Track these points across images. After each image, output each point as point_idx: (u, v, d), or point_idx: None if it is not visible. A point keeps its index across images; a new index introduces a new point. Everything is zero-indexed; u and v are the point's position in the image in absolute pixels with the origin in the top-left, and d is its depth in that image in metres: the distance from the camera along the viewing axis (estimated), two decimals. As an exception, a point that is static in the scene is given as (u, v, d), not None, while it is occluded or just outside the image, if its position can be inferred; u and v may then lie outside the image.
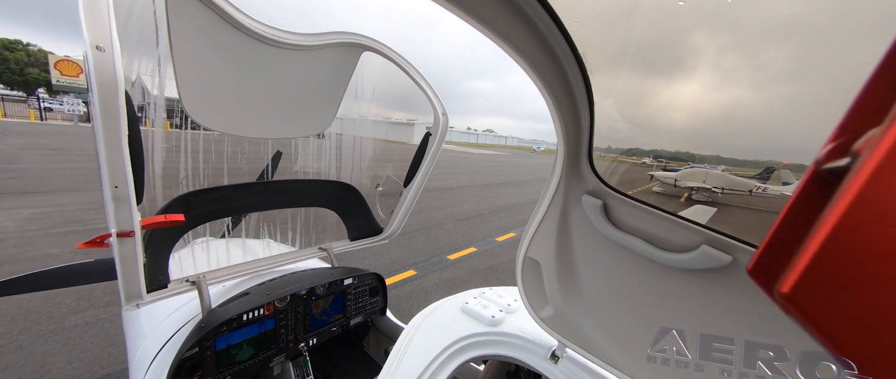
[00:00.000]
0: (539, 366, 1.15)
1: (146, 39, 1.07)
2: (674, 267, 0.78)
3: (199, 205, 1.36)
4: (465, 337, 1.18)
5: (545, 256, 1.02)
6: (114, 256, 0.95)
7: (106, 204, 0.87)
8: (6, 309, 3.07)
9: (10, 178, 7.60)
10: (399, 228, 2.00)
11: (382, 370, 1.02)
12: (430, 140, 1.78)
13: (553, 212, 0.95)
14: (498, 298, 1.42)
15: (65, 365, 2.54)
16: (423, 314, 1.30)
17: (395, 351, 1.10)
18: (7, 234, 4.76)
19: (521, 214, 9.54)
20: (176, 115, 1.39)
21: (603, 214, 0.86)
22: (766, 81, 0.71)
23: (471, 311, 1.32)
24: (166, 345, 1.27)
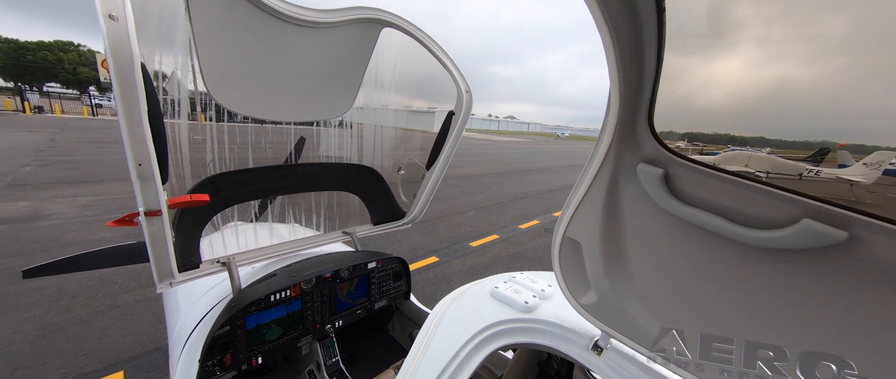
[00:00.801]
0: (579, 357, 1.06)
1: (166, 15, 1.08)
2: (758, 247, 0.64)
3: (225, 187, 1.40)
4: (496, 323, 1.10)
5: (588, 237, 0.90)
6: (144, 235, 0.98)
7: (133, 183, 0.90)
8: (69, 287, 3.42)
9: (69, 168, 8.35)
10: (422, 213, 2.00)
11: (408, 355, 0.98)
12: (453, 119, 1.71)
13: (598, 186, 0.83)
14: (530, 282, 1.33)
15: (119, 339, 2.81)
16: (449, 298, 1.23)
17: (421, 336, 1.04)
18: (68, 219, 5.27)
19: (545, 201, 9.35)
20: (209, 107, 1.45)
21: (663, 186, 0.72)
22: (820, 54, 0.63)
23: (501, 295, 1.23)
24: (201, 323, 1.36)
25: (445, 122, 1.73)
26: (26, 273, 1.63)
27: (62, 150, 10.62)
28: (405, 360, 0.96)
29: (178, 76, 1.25)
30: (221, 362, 1.33)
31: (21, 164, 8.39)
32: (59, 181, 7.19)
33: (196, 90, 1.35)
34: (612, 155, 0.77)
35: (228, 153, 1.53)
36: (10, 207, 5.54)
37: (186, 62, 1.18)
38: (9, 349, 2.59)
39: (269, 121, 1.50)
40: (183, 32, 1.12)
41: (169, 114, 1.29)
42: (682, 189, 0.72)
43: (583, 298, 1.00)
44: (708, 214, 0.68)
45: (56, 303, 3.18)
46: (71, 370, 2.45)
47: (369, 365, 1.93)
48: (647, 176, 0.74)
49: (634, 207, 0.81)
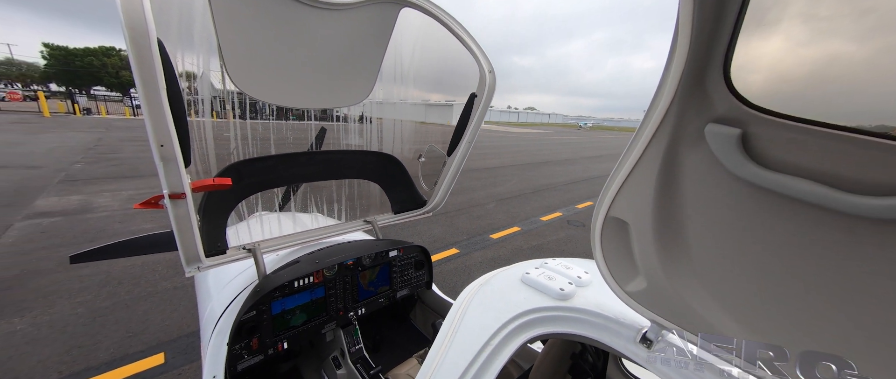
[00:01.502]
0: (625, 350, 0.96)
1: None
2: (873, 218, 0.52)
3: (248, 174, 1.43)
4: (529, 311, 1.02)
5: (637, 216, 0.79)
6: (169, 218, 1.00)
7: (156, 165, 0.90)
8: (116, 273, 3.70)
9: (114, 165, 8.98)
10: (443, 201, 1.97)
11: (434, 344, 0.92)
12: (475, 102, 1.63)
13: (651, 156, 0.71)
14: (564, 269, 1.22)
15: (160, 322, 3.01)
16: (476, 284, 1.15)
17: (448, 324, 0.98)
18: (113, 212, 5.68)
19: (568, 193, 9.11)
20: (234, 105, 1.49)
21: (740, 149, 0.60)
22: (875, 30, 0.54)
23: (534, 282, 1.14)
24: (229, 307, 1.41)
25: (467, 105, 1.65)
26: (73, 259, 1.76)
27: (108, 149, 11.43)
28: (431, 348, 0.91)
29: (203, 72, 1.28)
30: (249, 346, 1.39)
31: (73, 161, 9.11)
32: (106, 177, 7.75)
33: (224, 87, 1.40)
34: (672, 117, 0.65)
35: (252, 146, 1.57)
36: (64, 200, 6.04)
37: (210, 44, 1.18)
38: (65, 330, 2.83)
39: (290, 109, 1.51)
40: (202, 19, 1.13)
41: (195, 111, 1.33)
42: (764, 152, 0.59)
43: (629, 285, 0.89)
44: (801, 179, 0.56)
45: (104, 288, 3.44)
46: (118, 350, 2.65)
47: (392, 354, 1.96)
48: (718, 138, 0.62)
49: (698, 177, 0.69)
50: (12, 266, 3.77)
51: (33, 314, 3.00)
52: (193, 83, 1.31)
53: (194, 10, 1.11)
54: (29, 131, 14.39)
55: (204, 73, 1.28)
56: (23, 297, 3.24)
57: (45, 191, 6.46)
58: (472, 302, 1.04)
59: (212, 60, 1.26)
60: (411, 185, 1.98)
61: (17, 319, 2.92)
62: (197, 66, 1.24)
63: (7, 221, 4.99)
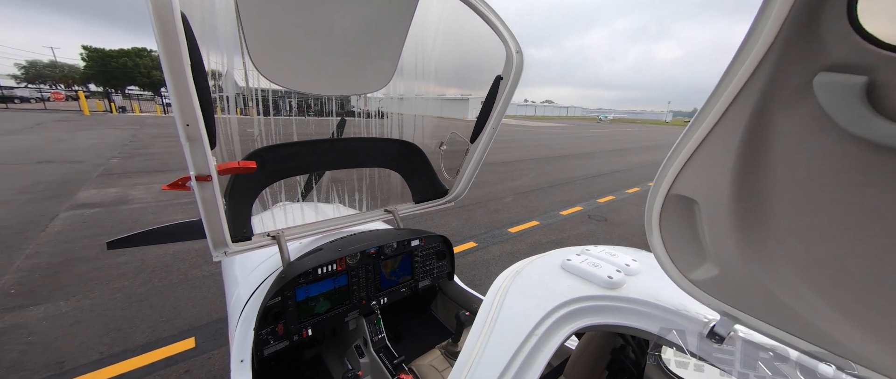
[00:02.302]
0: (688, 345, 0.87)
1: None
2: None
3: (272, 160, 1.43)
4: (574, 300, 0.93)
5: (710, 192, 0.68)
6: (196, 201, 1.00)
7: (182, 145, 0.90)
8: (150, 262, 3.87)
9: (147, 160, 9.44)
10: (465, 190, 1.92)
11: (471, 334, 0.85)
12: (501, 84, 1.56)
13: (731, 122, 0.61)
14: (609, 256, 1.13)
15: (191, 308, 3.13)
16: (512, 271, 1.08)
17: (485, 312, 0.91)
18: (147, 203, 5.96)
19: (588, 187, 8.86)
20: (256, 101, 1.49)
21: (864, 101, 0.48)
22: None
23: (577, 269, 1.05)
24: (254, 293, 1.42)
25: (492, 88, 1.58)
26: (110, 244, 1.84)
27: (141, 145, 12.03)
28: (468, 338, 0.85)
29: (227, 70, 1.27)
30: (274, 332, 1.40)
31: (110, 156, 9.64)
32: (140, 171, 8.15)
33: (247, 84, 1.40)
34: (765, 72, 0.54)
35: (275, 138, 1.57)
36: (103, 192, 6.40)
37: (234, 37, 1.18)
38: (104, 314, 2.99)
39: (310, 104, 1.50)
40: (226, 1, 1.12)
41: (220, 108, 1.33)
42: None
43: (695, 273, 0.78)
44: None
45: (139, 275, 3.61)
46: (153, 334, 2.78)
47: (413, 344, 1.94)
48: (833, 89, 0.50)
49: (797, 141, 0.57)
50: (58, 253, 4.02)
51: (76, 298, 3.18)
52: (218, 81, 1.31)
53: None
54: (71, 129, 15.34)
55: (228, 70, 1.28)
56: (67, 281, 3.44)
57: (86, 184, 6.87)
58: (509, 290, 0.97)
59: (235, 58, 1.26)
60: (432, 175, 1.94)
61: (62, 302, 3.11)
62: (222, 64, 1.23)
63: (53, 211, 5.33)
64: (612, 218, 6.48)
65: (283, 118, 1.69)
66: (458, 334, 1.54)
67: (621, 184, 9.55)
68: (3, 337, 2.66)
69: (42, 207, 5.46)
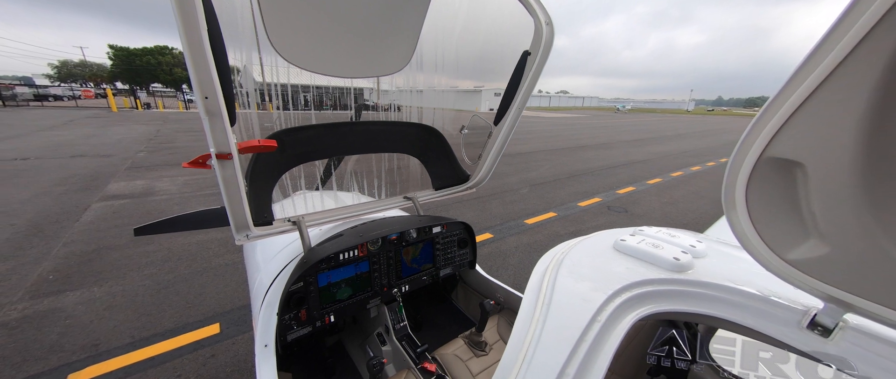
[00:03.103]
0: (783, 336, 0.74)
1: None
2: None
3: (291, 144, 1.41)
4: (638, 284, 0.83)
5: (825, 152, 0.56)
6: (217, 181, 0.99)
7: (202, 119, 0.88)
8: (176, 250, 4.00)
9: (171, 153, 9.77)
10: (488, 175, 1.85)
11: (520, 321, 0.78)
12: (529, 60, 1.44)
13: (862, 64, 0.49)
14: (668, 236, 1.02)
15: (215, 295, 3.21)
16: (556, 253, 0.98)
17: (534, 296, 0.82)
18: (172, 195, 6.17)
19: (607, 178, 8.61)
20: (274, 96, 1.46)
21: None
22: None
23: (634, 250, 0.94)
24: (276, 279, 1.42)
25: (519, 65, 1.47)
26: (137, 231, 1.89)
27: (165, 139, 12.46)
28: (517, 324, 0.77)
29: (245, 66, 1.25)
30: (297, 317, 1.39)
31: (137, 150, 10.03)
32: (164, 164, 8.44)
33: (264, 79, 1.38)
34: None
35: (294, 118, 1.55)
36: (131, 185, 6.66)
37: (253, 31, 1.15)
38: (135, 300, 3.11)
39: (330, 75, 1.44)
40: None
41: (239, 103, 1.31)
42: None
43: (793, 252, 0.66)
44: None
45: (166, 263, 3.74)
46: (180, 319, 2.87)
47: (433, 334, 1.92)
48: None
49: None
50: (91, 241, 4.21)
51: (109, 284, 3.32)
52: (237, 77, 1.30)
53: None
54: (101, 125, 16.04)
55: (246, 66, 1.26)
56: (100, 268, 3.60)
57: (116, 176, 7.16)
58: (558, 273, 0.88)
59: (252, 54, 1.24)
60: (453, 160, 1.88)
61: (96, 288, 3.26)
62: (240, 59, 1.21)
63: (86, 202, 5.58)
64: (633, 209, 6.27)
65: (300, 112, 1.67)
66: (483, 324, 1.50)
67: (641, 174, 9.24)
68: (43, 320, 2.81)
69: (76, 199, 5.72)
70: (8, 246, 4.03)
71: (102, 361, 2.41)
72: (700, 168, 10.62)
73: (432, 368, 1.35)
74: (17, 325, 2.74)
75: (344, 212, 1.66)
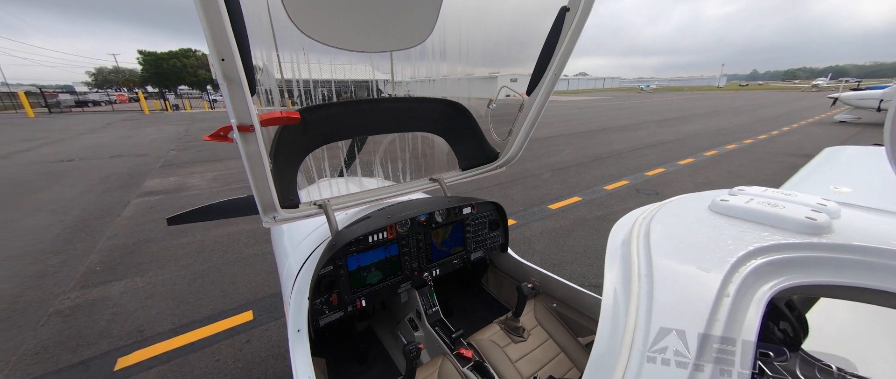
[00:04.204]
0: None
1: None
2: None
3: (314, 123, 1.36)
4: (769, 248, 0.65)
5: None
6: (241, 157, 0.94)
7: (220, 85, 0.83)
8: (208, 243, 4.15)
9: (199, 151, 10.16)
10: (519, 152, 1.73)
11: (605, 305, 0.67)
12: (567, 17, 1.27)
13: None
14: (782, 194, 0.82)
15: (246, 284, 3.31)
16: (636, 222, 0.83)
17: (621, 271, 0.70)
18: (202, 190, 6.42)
19: (634, 160, 8.22)
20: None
21: None
22: None
23: (743, 211, 0.76)
24: (305, 263, 1.40)
25: (556, 23, 1.30)
26: (170, 221, 1.93)
27: (194, 138, 12.98)
28: (603, 309, 0.66)
29: (264, 64, 1.23)
30: (329, 301, 1.37)
31: (168, 149, 10.51)
32: (194, 161, 8.79)
33: (282, 76, 1.34)
34: None
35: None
36: (165, 181, 6.98)
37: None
38: (173, 289, 3.25)
39: (352, 49, 1.37)
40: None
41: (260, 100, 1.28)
42: None
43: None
44: None
45: (200, 255, 3.88)
46: (216, 307, 2.97)
47: (465, 319, 1.87)
48: None
49: None
50: (131, 235, 4.44)
51: (149, 275, 3.49)
52: (259, 74, 1.26)
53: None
54: (135, 127, 16.91)
55: (265, 65, 1.22)
56: (141, 260, 3.79)
57: (151, 174, 7.53)
58: (649, 243, 0.73)
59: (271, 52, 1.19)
60: (480, 137, 1.77)
61: (138, 278, 3.43)
62: (260, 58, 1.17)
63: (125, 198, 5.90)
64: (665, 191, 5.96)
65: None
66: (520, 308, 1.42)
67: (671, 155, 8.76)
68: (93, 308, 2.98)
69: (116, 196, 6.06)
70: (59, 240, 4.31)
71: (147, 346, 2.53)
72: (736, 146, 9.94)
73: (469, 354, 1.29)
74: (70, 313, 2.93)
75: (369, 195, 1.61)
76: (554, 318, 1.52)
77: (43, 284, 3.36)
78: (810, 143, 10.11)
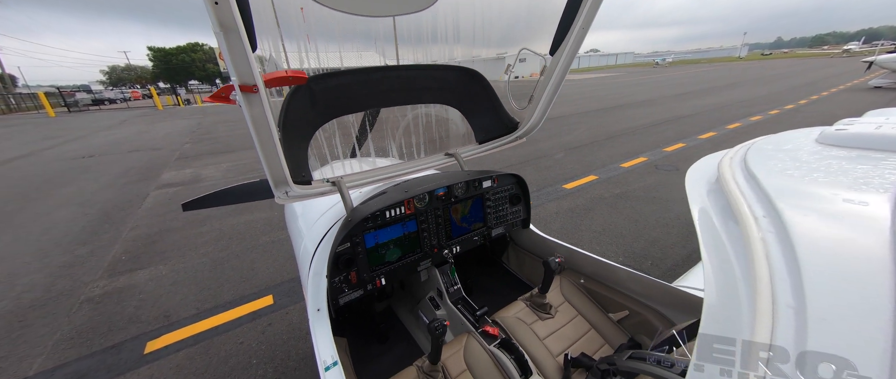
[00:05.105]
0: None
1: None
2: None
3: (322, 94, 1.28)
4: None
5: None
6: (245, 119, 0.88)
7: (216, 36, 0.73)
8: (226, 231, 4.22)
9: (212, 143, 10.30)
10: (541, 121, 1.61)
11: (708, 264, 0.57)
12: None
13: None
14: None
15: (265, 269, 3.35)
16: (722, 165, 0.74)
17: (724, 214, 0.60)
18: (216, 180, 6.51)
19: (650, 136, 7.92)
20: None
21: None
22: None
23: (874, 139, 0.65)
24: (321, 242, 1.36)
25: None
26: (185, 206, 1.92)
27: (206, 131, 13.16)
28: (706, 271, 0.57)
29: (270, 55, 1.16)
30: (348, 280, 1.33)
31: (183, 142, 10.69)
32: (207, 153, 8.92)
33: (288, 66, 1.26)
34: None
35: None
36: (181, 173, 7.11)
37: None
38: (196, 276, 3.32)
39: (356, 13, 1.28)
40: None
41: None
42: None
43: None
44: None
45: (219, 242, 3.95)
46: (237, 292, 3.02)
47: (486, 298, 1.81)
48: None
49: None
50: (153, 225, 4.55)
51: (172, 262, 3.57)
52: (264, 65, 1.19)
53: None
54: (149, 122, 17.25)
55: (272, 55, 1.14)
56: (163, 248, 3.88)
57: (167, 167, 7.68)
58: (759, 183, 0.61)
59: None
60: (498, 106, 1.67)
61: (162, 266, 3.51)
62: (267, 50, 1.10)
63: (145, 191, 6.04)
64: (685, 167, 5.70)
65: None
66: (547, 283, 1.36)
67: (691, 129, 8.39)
68: (121, 294, 3.08)
69: (137, 188, 6.21)
70: (85, 232, 4.46)
71: (174, 331, 2.59)
72: (761, 117, 9.45)
73: (494, 331, 1.24)
74: (100, 299, 3.03)
75: (382, 172, 1.54)
76: (582, 294, 1.45)
77: (73, 273, 3.48)
78: (843, 111, 9.52)
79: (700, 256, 0.60)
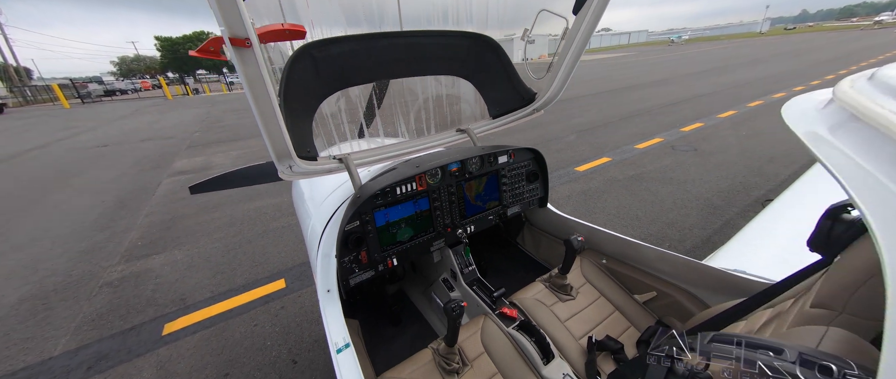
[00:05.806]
0: None
1: None
2: None
3: (324, 63, 1.20)
4: None
5: None
6: (240, 79, 0.80)
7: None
8: (237, 217, 4.24)
9: (221, 132, 10.36)
10: (561, 90, 1.49)
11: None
12: None
13: None
14: None
15: (277, 255, 3.36)
16: (819, 98, 0.67)
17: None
18: (226, 167, 6.55)
19: (666, 116, 7.63)
20: None
21: None
22: None
23: None
24: (330, 222, 1.31)
25: None
26: (192, 189, 1.89)
27: (215, 120, 13.23)
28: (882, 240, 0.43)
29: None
30: (358, 259, 1.28)
31: (193, 131, 10.78)
32: (216, 141, 8.98)
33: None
34: None
35: None
36: (192, 161, 7.18)
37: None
38: (209, 260, 3.36)
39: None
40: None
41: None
42: None
43: None
44: None
45: (231, 228, 3.98)
46: (250, 276, 3.05)
47: (502, 280, 1.76)
48: None
49: None
50: (167, 212, 4.61)
51: (187, 247, 3.62)
52: (268, 52, 1.11)
53: None
54: (160, 112, 17.43)
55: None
56: (177, 234, 3.93)
57: (179, 155, 7.76)
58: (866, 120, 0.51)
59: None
60: (514, 76, 1.56)
61: (176, 251, 3.57)
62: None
63: (158, 178, 6.12)
64: (704, 147, 5.49)
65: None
66: (569, 264, 1.29)
67: (709, 109, 8.05)
68: (138, 278, 3.14)
69: (150, 176, 6.30)
70: (103, 219, 4.55)
71: (190, 313, 2.63)
72: (784, 94, 9.00)
73: (512, 313, 1.18)
74: (118, 284, 3.09)
75: (391, 149, 1.47)
76: (604, 274, 1.38)
77: (92, 258, 3.56)
78: (874, 88, 8.98)
79: (724, 237, 0.49)
